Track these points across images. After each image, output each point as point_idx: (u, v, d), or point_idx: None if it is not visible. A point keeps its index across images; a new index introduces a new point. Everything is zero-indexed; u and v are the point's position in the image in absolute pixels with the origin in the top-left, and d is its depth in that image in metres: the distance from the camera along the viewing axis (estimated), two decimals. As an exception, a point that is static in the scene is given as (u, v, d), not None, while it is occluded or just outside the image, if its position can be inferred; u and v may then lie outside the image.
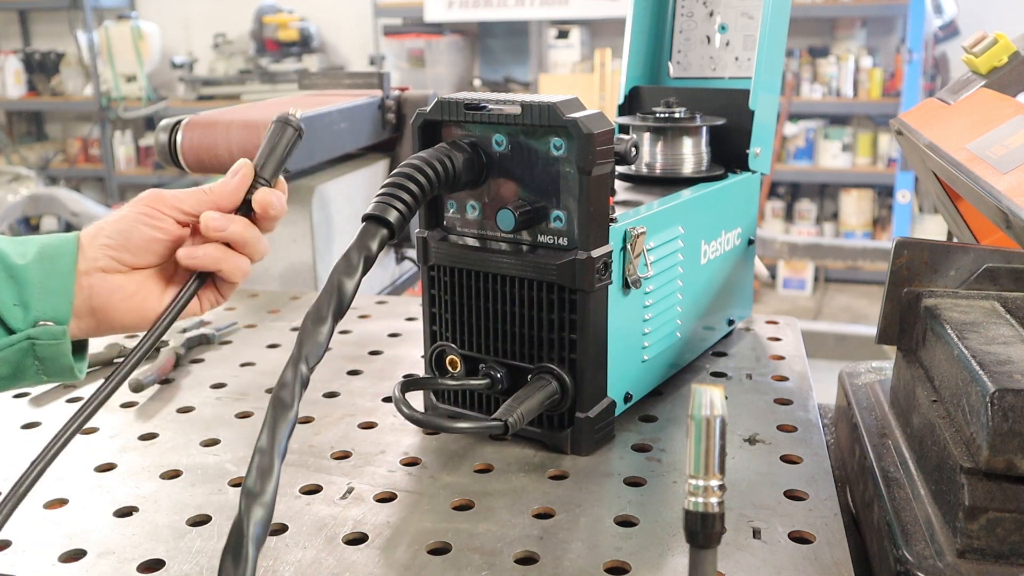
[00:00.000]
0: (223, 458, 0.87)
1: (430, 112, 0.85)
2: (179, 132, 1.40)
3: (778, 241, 4.13)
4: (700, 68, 1.18)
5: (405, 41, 5.77)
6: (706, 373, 1.05)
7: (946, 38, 5.17)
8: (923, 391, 0.77)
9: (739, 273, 1.13)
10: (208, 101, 6.08)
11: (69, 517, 0.77)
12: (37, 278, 0.72)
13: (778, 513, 0.75)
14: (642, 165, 1.09)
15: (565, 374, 0.83)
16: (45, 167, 6.53)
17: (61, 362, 0.74)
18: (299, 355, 0.65)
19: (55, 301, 0.73)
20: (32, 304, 0.72)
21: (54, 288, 0.73)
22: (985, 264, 0.82)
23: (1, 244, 0.74)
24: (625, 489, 0.79)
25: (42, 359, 0.73)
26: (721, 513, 0.49)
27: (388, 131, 1.68)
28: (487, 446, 0.87)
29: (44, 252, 0.74)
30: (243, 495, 0.57)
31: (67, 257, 0.74)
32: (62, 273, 0.73)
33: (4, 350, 0.71)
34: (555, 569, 0.67)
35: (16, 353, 0.72)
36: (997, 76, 1.07)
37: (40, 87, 6.68)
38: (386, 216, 0.74)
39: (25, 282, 0.72)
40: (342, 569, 0.68)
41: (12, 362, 0.72)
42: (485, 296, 0.86)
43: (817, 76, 5.39)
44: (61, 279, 0.73)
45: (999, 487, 0.64)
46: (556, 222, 0.82)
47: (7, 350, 0.71)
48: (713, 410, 0.47)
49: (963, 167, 0.89)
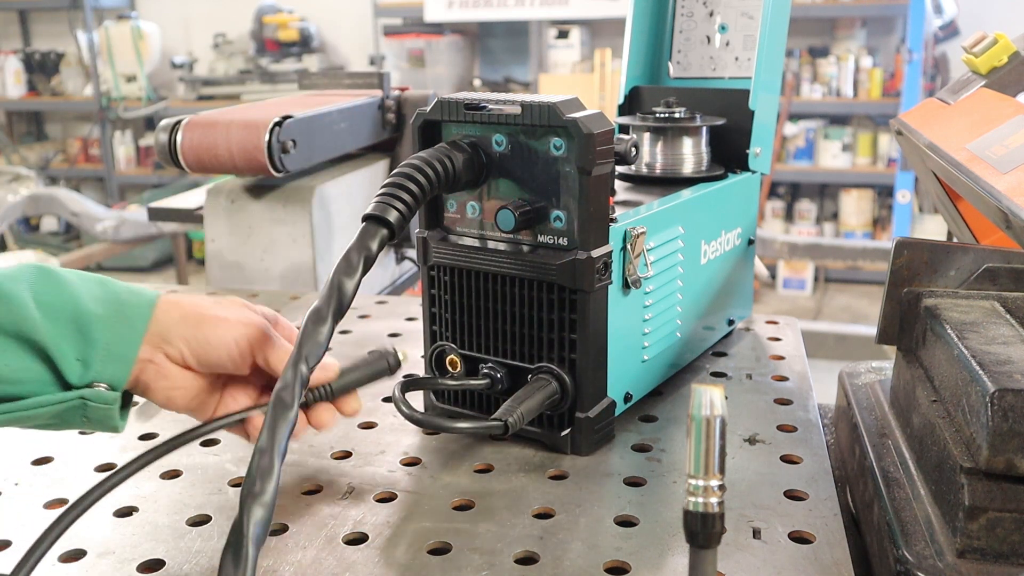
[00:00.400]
0: (223, 458, 0.87)
1: (430, 112, 0.85)
2: (179, 132, 1.40)
3: (778, 241, 4.13)
4: (700, 68, 1.18)
5: (405, 41, 5.77)
6: (706, 373, 1.05)
7: (946, 38, 5.17)
8: (923, 391, 0.77)
9: (739, 273, 1.13)
10: (208, 101, 6.08)
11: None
12: (104, 338, 0.70)
13: (778, 513, 0.75)
14: (642, 165, 1.09)
15: (565, 374, 0.83)
16: (45, 167, 6.53)
17: (108, 422, 0.72)
18: (299, 355, 0.65)
19: (116, 367, 0.70)
20: (93, 364, 0.69)
21: (118, 354, 0.70)
22: (985, 264, 0.82)
23: (77, 285, 0.71)
24: (625, 489, 0.79)
25: (90, 418, 0.71)
26: (721, 513, 0.49)
27: (388, 131, 1.68)
28: (487, 446, 0.87)
29: (121, 312, 0.71)
30: (243, 495, 0.57)
31: (140, 323, 0.72)
32: (130, 341, 0.71)
33: (55, 405, 0.69)
34: (555, 569, 0.67)
35: (66, 409, 0.70)
36: (997, 76, 1.07)
37: (40, 87, 6.68)
38: (386, 216, 0.74)
39: (92, 340, 0.69)
40: (342, 569, 0.68)
41: (60, 415, 0.70)
42: (485, 296, 0.86)
43: (817, 76, 5.39)
44: (127, 347, 0.71)
45: (999, 487, 0.64)
46: (556, 222, 0.82)
47: (58, 406, 0.69)
48: (713, 410, 0.47)
49: (963, 167, 0.89)
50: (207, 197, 1.52)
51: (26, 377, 0.67)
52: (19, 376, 0.67)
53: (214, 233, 1.50)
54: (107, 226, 4.47)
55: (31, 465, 0.86)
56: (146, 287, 0.76)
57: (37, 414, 0.68)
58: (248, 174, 1.44)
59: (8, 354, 0.66)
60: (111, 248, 4.79)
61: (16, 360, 0.67)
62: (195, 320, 0.74)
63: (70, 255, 4.95)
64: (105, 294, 0.72)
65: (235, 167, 1.39)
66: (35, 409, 0.68)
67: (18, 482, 0.83)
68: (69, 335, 0.68)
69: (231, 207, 1.49)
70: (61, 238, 6.23)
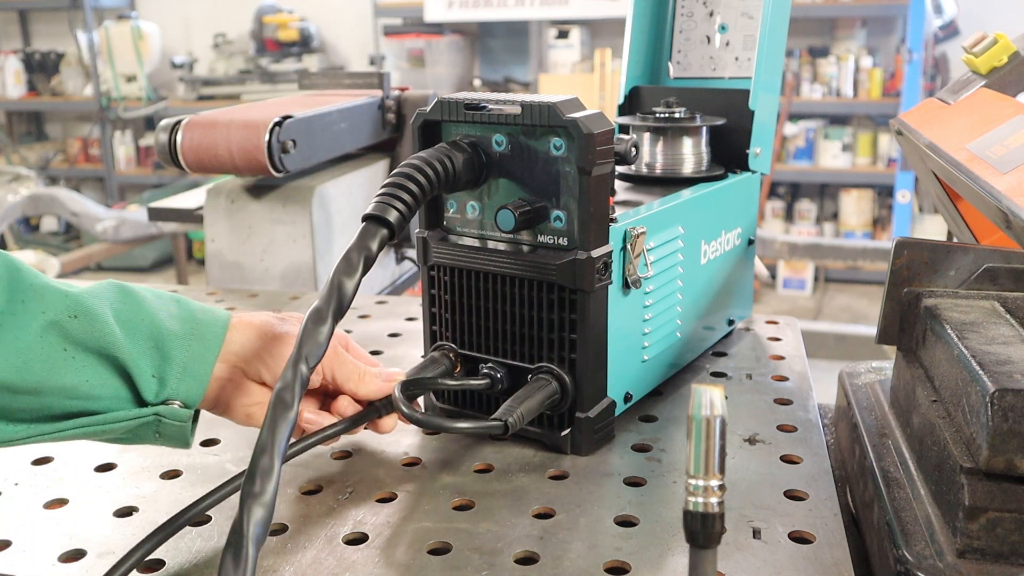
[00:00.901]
0: (223, 458, 0.87)
1: (430, 112, 0.85)
2: (179, 132, 1.40)
3: (778, 241, 4.13)
4: (700, 68, 1.18)
5: (405, 41, 5.77)
6: (706, 373, 1.05)
7: (946, 38, 5.17)
8: (923, 391, 0.77)
9: (739, 273, 1.13)
10: (208, 101, 6.08)
11: (69, 517, 0.77)
12: (181, 356, 0.71)
13: (778, 513, 0.75)
14: (642, 165, 1.09)
15: (565, 374, 0.83)
16: (45, 167, 6.53)
17: (180, 439, 0.73)
18: (299, 355, 0.65)
19: (191, 385, 0.72)
20: (169, 382, 0.71)
21: (194, 371, 0.72)
22: (985, 264, 0.82)
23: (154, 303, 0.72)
24: (625, 489, 0.79)
25: (163, 434, 0.72)
26: (721, 513, 0.49)
27: (388, 131, 1.68)
28: (487, 446, 0.87)
29: (197, 331, 0.72)
30: (243, 495, 0.57)
31: (215, 343, 0.73)
32: (206, 360, 0.72)
33: (130, 421, 0.70)
34: (555, 569, 0.67)
35: (140, 425, 0.71)
36: (997, 76, 1.07)
37: (40, 87, 6.68)
38: (386, 216, 0.74)
39: (169, 358, 0.70)
40: (342, 569, 0.68)
41: (134, 431, 0.71)
42: (485, 296, 0.86)
43: (817, 76, 5.39)
44: (203, 365, 0.72)
45: (999, 487, 0.64)
46: (556, 222, 0.82)
47: (133, 422, 0.70)
48: (713, 410, 0.47)
49: (963, 167, 0.89)
50: (207, 197, 1.52)
51: (104, 393, 0.68)
52: (98, 392, 0.68)
53: (214, 233, 1.50)
54: (107, 226, 4.47)
55: (31, 465, 0.86)
56: (216, 307, 0.77)
57: (112, 429, 0.70)
58: (248, 174, 1.44)
59: (89, 370, 0.67)
60: (111, 248, 4.80)
61: (96, 376, 0.68)
62: (270, 338, 0.76)
63: (70, 255, 4.95)
64: (181, 312, 0.73)
65: (235, 167, 1.39)
66: (111, 424, 0.69)
67: (18, 482, 0.83)
68: (147, 352, 0.70)
69: (231, 207, 1.49)
70: (61, 238, 6.24)
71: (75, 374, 0.67)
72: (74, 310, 0.67)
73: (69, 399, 0.67)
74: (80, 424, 0.68)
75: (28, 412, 0.67)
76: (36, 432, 0.68)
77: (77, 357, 0.67)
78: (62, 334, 0.66)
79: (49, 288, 0.67)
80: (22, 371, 0.65)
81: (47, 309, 0.66)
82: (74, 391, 0.67)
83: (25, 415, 0.67)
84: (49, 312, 0.66)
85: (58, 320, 0.66)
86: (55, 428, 0.68)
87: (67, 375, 0.66)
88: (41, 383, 0.66)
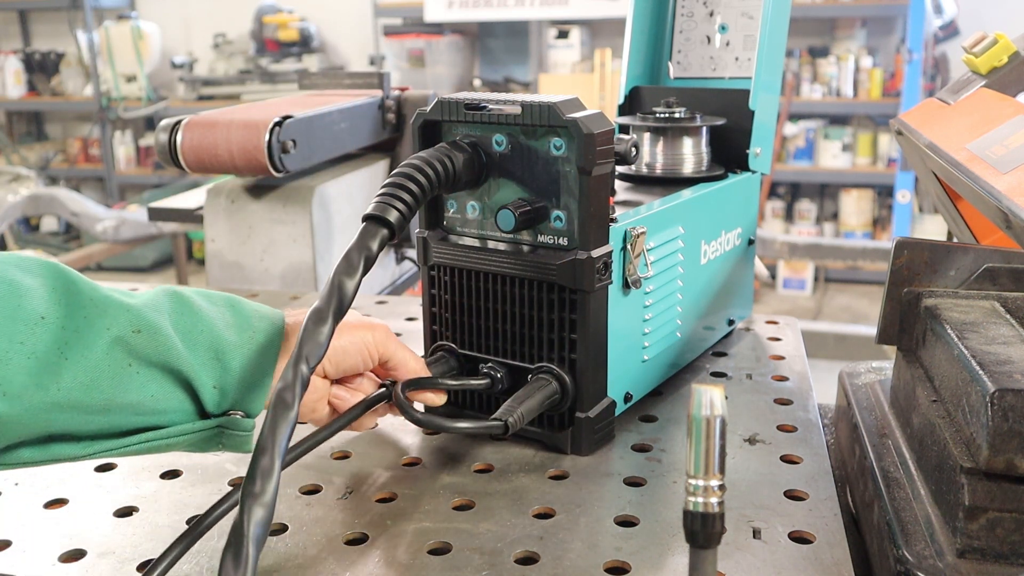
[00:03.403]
0: (223, 458, 0.87)
1: (430, 112, 0.85)
2: (179, 132, 1.40)
3: (778, 241, 4.13)
4: (700, 68, 1.18)
5: (405, 41, 5.77)
6: (706, 373, 1.05)
7: (946, 38, 5.17)
8: (923, 391, 0.77)
9: (739, 273, 1.13)
10: (208, 101, 6.08)
11: (69, 517, 0.77)
12: (240, 366, 0.71)
13: (778, 513, 0.75)
14: (642, 165, 1.09)
15: (565, 374, 0.83)
16: (45, 167, 6.53)
17: (243, 447, 0.73)
18: (299, 355, 0.65)
19: (252, 395, 0.72)
20: (230, 393, 0.71)
21: (254, 382, 0.72)
22: (985, 264, 0.82)
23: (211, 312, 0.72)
24: (625, 489, 0.79)
25: (225, 444, 0.72)
26: (721, 513, 0.49)
27: (388, 131, 1.68)
28: (487, 446, 0.87)
29: (254, 339, 0.72)
30: (243, 495, 0.57)
31: (272, 351, 0.73)
32: (264, 370, 0.72)
33: (193, 435, 0.70)
34: (555, 569, 0.67)
35: (203, 437, 0.71)
36: (997, 76, 1.07)
37: (40, 87, 6.68)
38: (386, 216, 0.74)
39: (228, 369, 0.70)
40: (342, 569, 0.68)
41: (196, 443, 0.71)
42: (485, 296, 0.86)
43: (817, 76, 5.39)
44: (262, 375, 0.72)
45: (999, 487, 0.64)
46: (556, 222, 0.82)
47: (196, 435, 0.70)
48: (713, 410, 0.47)
49: (963, 167, 0.89)
50: (207, 197, 1.52)
51: (168, 407, 0.68)
52: (162, 406, 0.68)
53: (214, 233, 1.50)
54: (107, 226, 4.47)
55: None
56: (271, 308, 0.77)
57: (177, 442, 0.69)
58: (248, 174, 1.44)
59: (153, 384, 0.67)
60: (111, 248, 4.79)
61: (160, 390, 0.67)
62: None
63: (70, 255, 4.95)
64: (237, 320, 0.73)
65: (235, 167, 1.39)
66: (176, 438, 0.69)
67: (18, 482, 0.83)
68: (208, 364, 0.69)
69: (231, 207, 1.49)
70: (61, 238, 6.24)
71: (140, 390, 0.66)
72: (137, 325, 0.66)
73: (135, 415, 0.67)
74: (145, 439, 0.68)
75: (94, 429, 0.66)
76: (101, 449, 0.67)
77: (141, 372, 0.66)
78: (127, 350, 0.65)
79: (111, 302, 0.66)
80: (91, 389, 0.64)
81: (111, 325, 0.65)
82: (140, 407, 0.66)
83: (91, 432, 0.66)
84: (114, 328, 0.65)
85: (123, 336, 0.65)
86: (120, 444, 0.67)
87: (132, 391, 0.66)
88: (109, 400, 0.65)
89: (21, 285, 0.62)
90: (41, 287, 0.63)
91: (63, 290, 0.64)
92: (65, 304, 0.64)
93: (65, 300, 0.64)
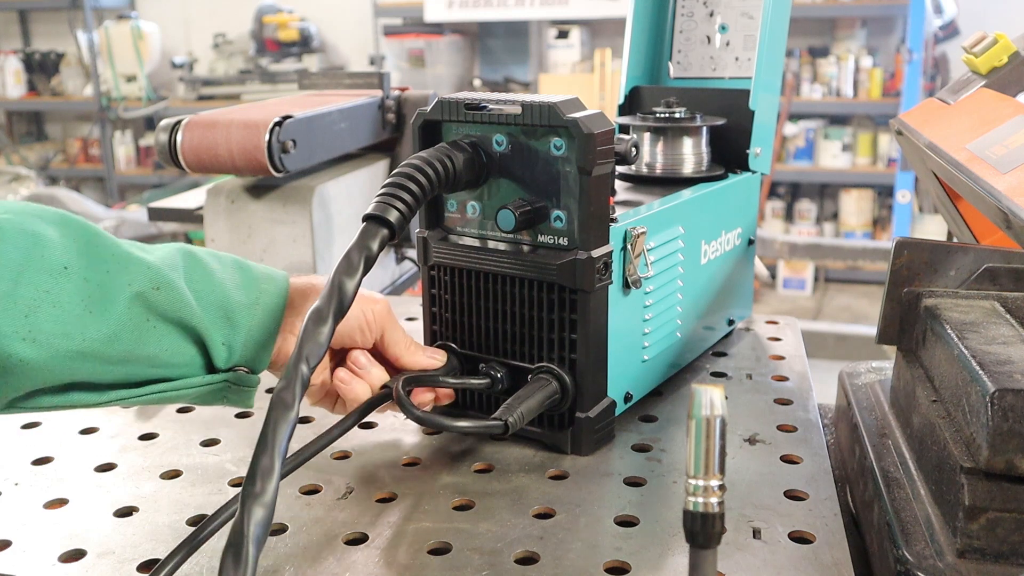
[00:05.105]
0: (223, 458, 0.87)
1: (430, 112, 0.85)
2: (179, 132, 1.40)
3: (778, 241, 4.13)
4: (700, 68, 1.18)
5: (405, 41, 5.77)
6: (706, 373, 1.05)
7: (946, 38, 5.17)
8: (923, 391, 0.77)
9: (739, 273, 1.13)
10: (208, 101, 6.08)
11: (69, 517, 0.77)
12: (247, 324, 0.75)
13: (778, 513, 0.75)
14: (642, 165, 1.09)
15: (565, 374, 0.83)
16: (45, 167, 6.53)
17: (245, 402, 0.78)
18: (300, 355, 0.65)
19: (258, 352, 0.76)
20: (237, 349, 0.75)
21: (260, 340, 0.76)
22: (985, 264, 0.82)
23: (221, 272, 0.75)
24: (625, 489, 0.79)
25: (230, 398, 0.76)
26: (721, 513, 0.49)
27: (388, 131, 1.68)
28: (487, 446, 0.87)
29: (260, 300, 0.76)
30: (243, 495, 0.57)
31: (277, 311, 0.77)
32: (270, 329, 0.76)
33: (202, 387, 0.74)
34: (555, 569, 0.67)
35: (210, 390, 0.75)
36: (997, 76, 1.07)
37: (40, 87, 6.68)
38: (387, 216, 0.74)
39: (236, 326, 0.74)
40: (342, 569, 0.68)
41: (203, 396, 0.75)
42: (485, 296, 0.86)
43: (817, 76, 5.39)
44: (267, 334, 0.76)
45: (999, 487, 0.64)
46: (556, 222, 0.82)
47: (205, 388, 0.74)
48: (713, 410, 0.47)
49: (963, 167, 0.89)
50: (207, 197, 1.52)
51: (180, 360, 0.72)
52: (176, 360, 0.72)
53: (214, 233, 1.50)
54: (107, 226, 4.46)
55: (31, 465, 0.86)
56: (276, 269, 0.81)
57: (186, 394, 0.74)
58: (248, 174, 1.44)
59: (168, 339, 0.71)
60: (111, 248, 4.78)
61: (174, 345, 0.71)
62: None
63: (70, 255, 4.93)
64: (244, 280, 0.77)
65: (235, 167, 1.39)
66: (186, 390, 0.74)
67: (18, 482, 0.83)
68: (218, 321, 0.73)
69: (231, 207, 1.49)
70: (61, 238, 6.22)
71: (156, 343, 0.70)
72: (156, 282, 0.70)
73: (151, 367, 0.71)
74: (158, 390, 0.72)
75: (112, 379, 0.70)
76: (117, 398, 0.71)
77: (159, 327, 0.70)
78: (147, 306, 0.69)
79: (132, 258, 0.69)
80: (113, 341, 0.67)
81: (132, 281, 0.69)
82: (155, 359, 0.70)
83: (109, 381, 0.70)
84: (135, 284, 0.69)
85: (143, 292, 0.69)
86: (134, 394, 0.71)
87: (150, 345, 0.70)
88: (129, 352, 0.68)
89: (44, 236, 0.65)
90: (63, 238, 0.66)
91: (85, 242, 0.67)
92: (87, 255, 0.67)
93: (87, 252, 0.67)
